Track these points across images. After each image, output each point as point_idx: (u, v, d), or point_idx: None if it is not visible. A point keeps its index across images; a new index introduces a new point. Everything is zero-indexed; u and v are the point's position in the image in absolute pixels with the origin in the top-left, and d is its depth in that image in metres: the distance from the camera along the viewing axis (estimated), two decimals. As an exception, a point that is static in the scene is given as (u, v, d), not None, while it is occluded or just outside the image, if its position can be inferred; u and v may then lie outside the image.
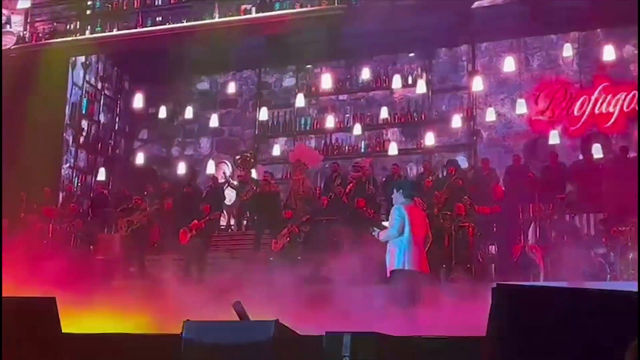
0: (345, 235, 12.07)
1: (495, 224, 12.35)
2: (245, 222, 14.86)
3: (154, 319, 7.77)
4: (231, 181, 15.93)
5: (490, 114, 15.00)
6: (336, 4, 13.96)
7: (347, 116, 16.74)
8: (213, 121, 16.83)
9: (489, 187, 12.94)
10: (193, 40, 14.82)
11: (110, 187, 16.85)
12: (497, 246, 12.23)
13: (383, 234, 8.45)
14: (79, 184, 16.62)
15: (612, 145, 14.19)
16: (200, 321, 5.42)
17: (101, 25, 15.50)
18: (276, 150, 16.64)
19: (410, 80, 16.12)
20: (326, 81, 16.22)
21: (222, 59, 15.91)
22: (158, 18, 15.21)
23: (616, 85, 14.50)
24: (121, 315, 8.18)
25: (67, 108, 16.32)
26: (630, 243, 10.57)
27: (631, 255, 10.46)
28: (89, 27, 15.61)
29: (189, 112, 16.91)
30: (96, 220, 14.88)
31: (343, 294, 9.08)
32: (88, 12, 15.98)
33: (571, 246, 10.80)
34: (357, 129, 16.09)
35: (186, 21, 14.93)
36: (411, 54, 16.33)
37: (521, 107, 14.62)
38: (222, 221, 15.72)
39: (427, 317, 7.74)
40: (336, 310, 8.37)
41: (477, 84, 14.95)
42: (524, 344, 3.97)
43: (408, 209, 8.37)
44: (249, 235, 14.04)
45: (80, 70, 16.78)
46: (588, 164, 13.69)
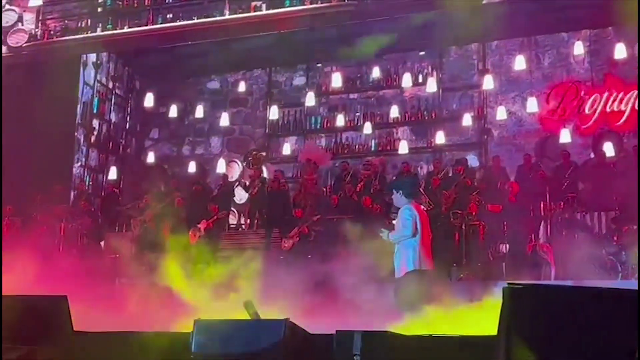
0: (355, 233, 12.06)
1: (505, 223, 12.31)
2: (255, 221, 14.88)
3: (165, 317, 7.79)
4: (242, 180, 15.95)
5: (501, 113, 14.98)
6: (346, 0, 13.94)
7: (358, 115, 16.74)
8: (223, 120, 16.86)
9: (500, 185, 12.92)
10: (204, 38, 14.86)
11: (121, 186, 16.91)
12: (508, 245, 12.19)
13: (393, 235, 8.35)
14: (91, 183, 16.67)
15: (624, 143, 14.13)
16: (210, 320, 5.43)
17: (112, 22, 15.55)
18: (286, 149, 16.66)
19: (420, 78, 16.12)
20: (336, 80, 16.22)
21: (233, 58, 15.94)
22: (169, 15, 15.24)
23: (628, 83, 14.43)
24: (132, 313, 8.21)
25: (79, 107, 16.37)
26: (641, 242, 10.51)
27: (643, 253, 10.40)
28: (100, 25, 15.68)
29: (200, 111, 16.95)
30: (107, 218, 14.93)
31: (354, 293, 9.08)
32: (99, 10, 16.04)
33: (582, 245, 10.76)
34: (368, 128, 16.09)
35: (197, 18, 14.95)
36: (421, 53, 16.29)
37: (532, 106, 14.58)
38: (233, 220, 15.76)
39: (438, 316, 7.72)
40: (347, 308, 8.37)
41: (488, 83, 14.92)
42: (536, 343, 3.96)
43: (416, 209, 8.35)
44: (259, 234, 14.05)
45: (91, 69, 16.83)
46: (599, 163, 13.62)
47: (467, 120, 15.22)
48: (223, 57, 15.75)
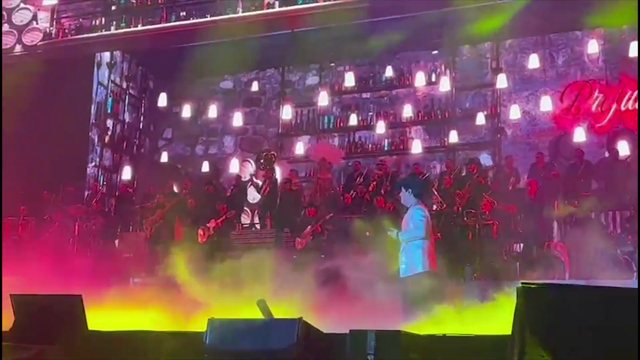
0: (368, 232, 12.05)
1: (519, 222, 12.27)
2: (268, 221, 14.88)
3: (179, 317, 7.82)
4: (254, 180, 15.98)
5: (514, 112, 14.91)
6: (359, -3, 13.96)
7: (371, 114, 16.72)
8: (237, 120, 16.85)
9: (513, 185, 12.88)
10: (217, 36, 14.89)
11: (135, 186, 16.98)
12: (522, 244, 12.15)
13: (404, 234, 8.31)
14: (104, 183, 16.74)
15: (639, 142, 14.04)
16: (224, 319, 5.44)
17: (126, 21, 15.62)
18: (299, 148, 16.64)
19: (433, 77, 16.07)
20: (349, 79, 16.21)
21: (246, 58, 15.95)
22: (182, 13, 15.30)
23: (643, 81, 14.33)
24: (146, 312, 8.23)
25: (93, 107, 16.44)
26: (657, 241, 10.46)
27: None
28: (114, 23, 15.76)
29: (213, 111, 16.96)
30: (121, 218, 14.99)
31: (367, 292, 9.07)
32: (113, 8, 16.12)
33: (597, 244, 10.70)
34: (381, 127, 16.06)
35: (210, 16, 14.99)
36: (434, 52, 16.24)
37: (546, 104, 14.51)
38: (246, 219, 15.78)
39: (452, 316, 7.71)
40: (360, 308, 8.36)
41: (501, 81, 14.87)
42: (550, 342, 3.95)
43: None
44: (272, 233, 14.06)
45: (105, 69, 16.91)
46: (614, 161, 13.55)
47: (481, 119, 15.17)
48: (236, 57, 15.76)
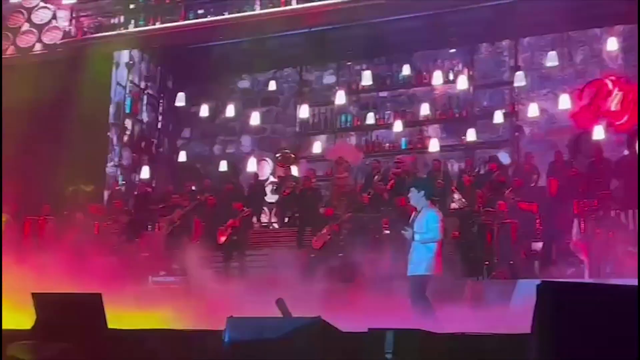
0: (388, 233, 12.06)
1: (539, 221, 12.21)
2: (286, 220, 14.91)
3: (197, 315, 7.85)
4: (273, 179, 16.01)
5: (532, 110, 14.84)
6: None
7: (388, 113, 16.70)
8: (254, 119, 16.91)
9: (535, 183, 12.83)
10: (235, 34, 14.95)
11: (153, 185, 17.07)
12: (541, 243, 12.09)
13: (420, 235, 8.33)
14: (124, 182, 16.84)
15: (659, 140, 13.92)
16: (243, 317, 5.46)
17: (144, 19, 15.69)
18: (317, 147, 16.66)
19: (451, 76, 16.01)
20: (367, 78, 16.20)
21: (263, 57, 16.00)
22: (200, 11, 15.37)
23: (663, 78, 14.21)
24: (164, 311, 8.27)
25: (112, 107, 16.55)
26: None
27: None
28: (133, 22, 15.85)
29: (231, 110, 17.01)
30: (140, 217, 15.07)
31: (385, 291, 9.07)
32: (132, 7, 16.21)
33: (616, 243, 10.63)
34: (398, 126, 16.04)
35: (228, 14, 15.03)
36: (452, 50, 16.19)
37: (564, 102, 14.43)
38: (264, 218, 15.82)
39: (470, 314, 7.69)
40: (379, 307, 8.36)
41: (520, 80, 14.80)
42: (570, 342, 3.93)
43: None
44: (291, 232, 14.08)
45: (124, 69, 17.01)
46: (634, 159, 13.43)
47: (499, 117, 15.12)
48: (254, 56, 15.81)
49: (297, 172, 15.72)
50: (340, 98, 16.19)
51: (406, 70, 16.31)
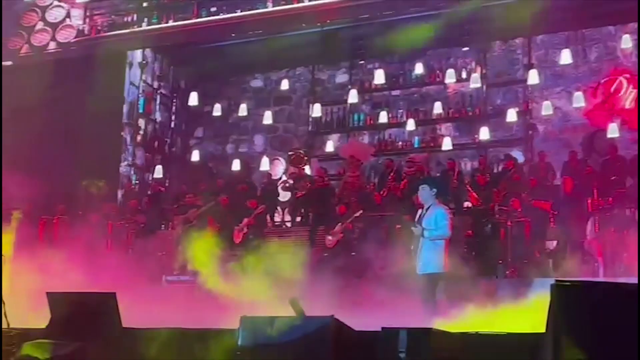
0: (399, 230, 12.02)
1: (553, 219, 12.15)
2: (300, 219, 14.91)
3: (211, 314, 7.87)
4: (285, 178, 16.00)
5: (546, 108, 14.78)
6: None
7: (401, 112, 16.65)
8: (267, 118, 16.94)
9: (549, 181, 12.77)
10: (247, 31, 14.97)
11: (167, 185, 17.11)
12: (555, 241, 12.02)
13: (429, 232, 8.35)
14: (137, 182, 16.90)
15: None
16: (256, 317, 5.47)
17: (157, 17, 15.75)
18: (330, 146, 16.66)
19: (464, 74, 15.96)
20: (379, 77, 16.17)
21: (276, 56, 16.01)
22: (212, 9, 15.40)
23: (677, 76, 14.10)
24: (179, 310, 8.30)
25: (125, 107, 16.61)
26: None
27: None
28: (146, 20, 15.91)
29: (244, 110, 17.04)
30: (153, 217, 15.11)
31: (398, 290, 9.05)
32: (145, 5, 16.27)
33: (631, 241, 10.56)
34: (411, 125, 16.01)
35: (240, 11, 15.04)
36: (465, 48, 16.12)
37: (579, 100, 14.36)
38: (277, 217, 15.82)
39: (484, 313, 7.66)
40: (391, 305, 8.36)
41: (533, 78, 14.73)
42: (584, 341, 3.91)
43: None
44: (303, 231, 14.08)
45: (137, 69, 17.06)
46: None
47: (512, 115, 15.05)
48: (266, 56, 15.83)
49: (310, 171, 15.71)
50: (352, 97, 16.18)
51: (419, 68, 16.27)
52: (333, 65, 17.54)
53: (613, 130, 13.84)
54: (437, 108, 15.93)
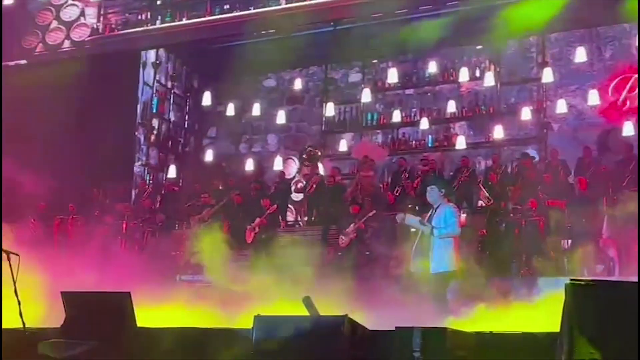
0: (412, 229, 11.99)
1: (567, 218, 12.09)
2: (312, 218, 14.90)
3: (225, 313, 7.89)
4: (298, 178, 16.00)
5: (561, 106, 14.72)
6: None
7: (414, 110, 16.62)
8: (280, 118, 16.96)
9: (563, 180, 12.70)
10: (261, 29, 14.98)
11: (180, 184, 17.16)
12: (570, 240, 11.96)
13: (439, 230, 8.35)
14: (151, 182, 16.96)
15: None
16: (270, 316, 5.47)
17: (171, 15, 15.80)
18: (343, 145, 16.64)
19: (478, 73, 15.91)
20: (392, 76, 16.15)
21: (289, 56, 16.00)
22: (226, 6, 15.43)
23: (694, 73, 13.99)
24: (192, 309, 8.32)
25: (139, 107, 16.67)
26: None
27: None
28: (160, 17, 15.97)
29: (257, 109, 17.07)
30: (167, 216, 15.15)
31: (412, 289, 9.04)
32: (158, 2, 16.32)
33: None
34: (424, 124, 15.97)
35: (253, 9, 15.06)
36: (479, 46, 16.06)
37: (593, 98, 14.28)
38: (290, 217, 15.82)
39: (499, 312, 7.64)
40: (406, 305, 8.34)
41: (547, 76, 14.67)
42: (599, 340, 3.89)
43: None
44: (316, 230, 14.07)
45: (150, 69, 17.13)
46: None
47: (526, 114, 14.99)
48: (279, 55, 15.82)
49: (323, 171, 15.70)
50: (366, 96, 16.17)
51: (432, 67, 16.23)
52: (346, 64, 17.52)
53: (628, 128, 13.74)
54: (451, 107, 15.88)
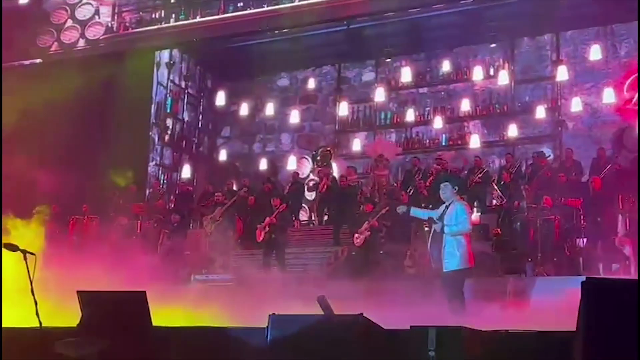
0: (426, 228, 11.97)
1: (583, 217, 12.03)
2: (325, 217, 14.89)
3: (240, 312, 7.89)
4: (312, 177, 16.00)
5: (576, 104, 14.64)
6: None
7: (428, 109, 16.59)
8: (293, 117, 16.98)
9: (578, 179, 12.64)
10: (274, 27, 14.98)
11: (194, 184, 17.20)
12: (586, 239, 11.90)
13: (451, 227, 8.32)
14: (165, 181, 17.00)
15: None
16: (285, 314, 5.47)
17: (185, 13, 15.84)
18: (356, 145, 16.64)
19: (491, 71, 15.86)
20: (406, 74, 16.12)
21: (302, 55, 16.02)
22: (239, 4, 15.45)
23: None
24: (207, 308, 8.33)
25: (153, 107, 16.72)
26: None
27: None
28: (174, 16, 16.02)
29: (270, 109, 17.11)
30: (181, 216, 15.19)
31: (427, 288, 9.02)
32: (172, 1, 16.36)
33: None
34: (438, 122, 15.94)
35: (266, 6, 15.07)
36: (492, 45, 16.00)
37: (609, 96, 14.20)
38: (304, 216, 15.82)
39: (513, 312, 7.62)
40: (420, 303, 8.32)
41: (562, 74, 14.60)
42: (615, 339, 3.87)
43: None
44: (330, 229, 14.06)
45: (164, 69, 17.17)
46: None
47: (541, 112, 14.94)
48: (292, 54, 15.84)
49: (336, 170, 15.69)
50: (379, 95, 16.16)
51: (446, 66, 16.20)
52: (359, 63, 17.51)
53: (643, 126, 13.66)
54: (465, 105, 15.85)
